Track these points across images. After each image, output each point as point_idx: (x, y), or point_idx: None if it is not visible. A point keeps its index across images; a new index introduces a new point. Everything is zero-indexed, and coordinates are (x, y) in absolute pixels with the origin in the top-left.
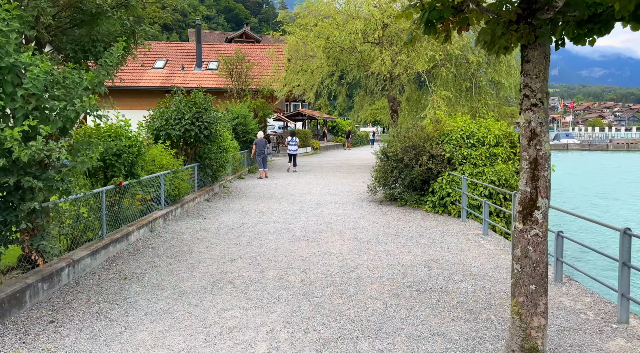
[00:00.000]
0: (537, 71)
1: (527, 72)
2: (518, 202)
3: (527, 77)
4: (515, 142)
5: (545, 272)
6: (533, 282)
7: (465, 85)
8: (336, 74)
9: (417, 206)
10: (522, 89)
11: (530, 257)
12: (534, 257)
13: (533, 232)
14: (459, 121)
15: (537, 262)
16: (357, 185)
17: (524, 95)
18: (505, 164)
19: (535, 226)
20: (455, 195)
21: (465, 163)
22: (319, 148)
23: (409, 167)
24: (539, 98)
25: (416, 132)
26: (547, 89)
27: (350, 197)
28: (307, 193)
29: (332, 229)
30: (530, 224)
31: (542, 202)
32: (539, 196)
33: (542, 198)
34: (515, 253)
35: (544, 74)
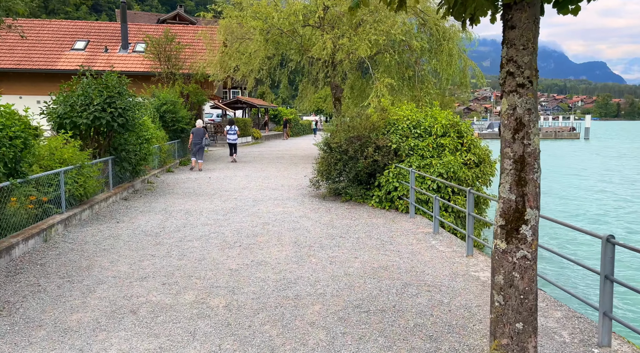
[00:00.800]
0: (525, 40)
1: (511, 42)
2: (499, 213)
3: (512, 48)
4: (462, 132)
5: (535, 305)
6: (520, 319)
7: (408, 74)
8: (276, 58)
9: (362, 201)
10: (505, 65)
11: (517, 287)
12: (521, 287)
13: (520, 253)
14: (405, 110)
15: (526, 292)
16: (299, 178)
17: (507, 73)
18: (453, 156)
19: (522, 246)
20: (403, 189)
21: (413, 154)
22: (260, 137)
23: (353, 160)
24: (527, 76)
25: (361, 122)
26: (536, 66)
27: (292, 191)
28: (244, 189)
29: (269, 231)
30: (516, 243)
31: (531, 213)
32: (526, 206)
33: (530, 208)
34: (496, 280)
35: (533, 44)
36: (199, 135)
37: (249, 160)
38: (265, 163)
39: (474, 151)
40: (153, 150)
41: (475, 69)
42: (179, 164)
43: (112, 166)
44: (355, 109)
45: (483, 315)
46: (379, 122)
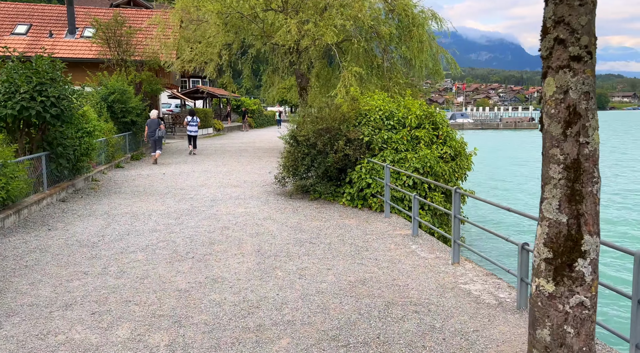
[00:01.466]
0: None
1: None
2: (543, 241)
3: (563, 4)
4: (438, 124)
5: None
6: None
7: (376, 62)
8: (236, 44)
9: (332, 200)
10: (550, 29)
11: (570, 347)
12: (577, 346)
13: (575, 299)
14: (376, 99)
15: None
16: (263, 174)
17: (554, 41)
18: (429, 149)
19: (578, 288)
20: (377, 186)
21: (386, 148)
22: (222, 129)
23: (323, 154)
24: (585, 46)
25: (330, 112)
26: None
27: (255, 189)
28: (202, 186)
29: (228, 238)
30: (569, 284)
31: (590, 242)
32: (584, 231)
33: (589, 235)
34: (538, 336)
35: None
36: (153, 126)
37: (210, 154)
38: (227, 156)
39: (450, 144)
40: (97, 144)
41: (447, 56)
42: (130, 158)
43: (46, 163)
44: (323, 99)
45: (483, 344)
46: (349, 113)
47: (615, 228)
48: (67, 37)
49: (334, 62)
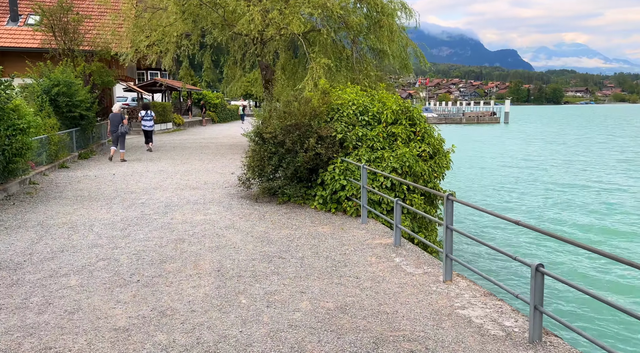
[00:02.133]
0: None
1: None
2: None
3: None
4: (415, 119)
5: None
6: None
7: (345, 54)
8: (194, 34)
9: (303, 203)
10: None
11: None
12: None
13: None
14: (349, 93)
15: None
16: (226, 173)
17: None
18: (407, 147)
19: None
20: (352, 188)
21: (361, 146)
22: (183, 124)
23: (292, 153)
24: None
25: (299, 107)
26: None
27: (217, 191)
28: (156, 189)
29: (183, 253)
30: None
31: None
32: None
33: None
34: None
35: None
36: (116, 121)
37: (168, 151)
38: (187, 154)
39: (428, 141)
40: (33, 142)
41: (417, 50)
42: (78, 157)
43: None
44: (291, 92)
45: None
46: (320, 108)
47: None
48: (8, 25)
49: (299, 54)
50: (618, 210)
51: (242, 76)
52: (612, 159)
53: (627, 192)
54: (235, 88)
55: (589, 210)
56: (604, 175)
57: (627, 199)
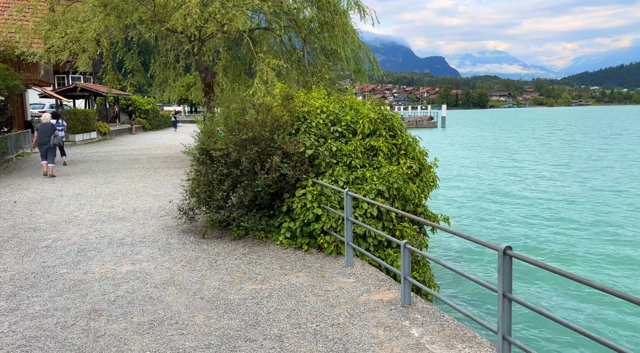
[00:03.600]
0: None
1: None
2: None
3: None
4: (396, 129)
5: None
6: None
7: (297, 54)
8: (118, 31)
9: (265, 237)
10: None
11: None
12: None
13: None
14: (315, 98)
15: None
16: (161, 196)
17: None
18: (390, 163)
19: None
20: (330, 219)
21: (336, 164)
22: (109, 133)
23: (249, 175)
24: None
25: (258, 116)
26: None
27: (150, 223)
28: (70, 222)
29: (97, 339)
30: None
31: None
32: None
33: None
34: None
35: None
36: (46, 132)
37: (89, 166)
38: (113, 170)
39: (412, 154)
40: None
41: (370, 55)
42: None
43: None
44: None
45: None
46: (284, 117)
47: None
48: None
49: (242, 55)
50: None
51: (176, 80)
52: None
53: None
54: (169, 93)
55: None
56: (565, 184)
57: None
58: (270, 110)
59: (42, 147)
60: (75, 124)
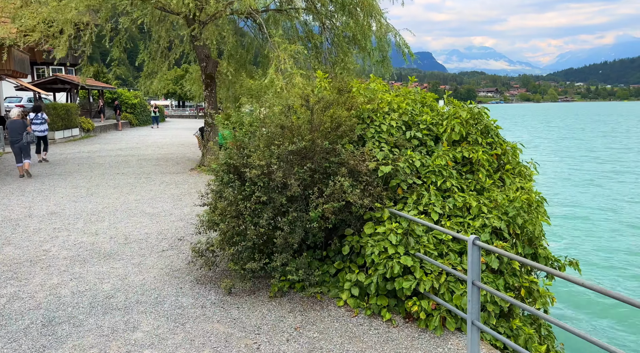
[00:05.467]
0: None
1: None
2: None
3: None
4: (492, 133)
5: None
6: None
7: (315, 40)
8: (103, 11)
9: (320, 295)
10: None
11: None
12: None
13: None
14: (380, 89)
15: None
16: (160, 214)
17: None
18: (493, 183)
19: None
20: (425, 274)
21: (421, 186)
22: (93, 129)
23: (299, 203)
24: None
25: (313, 116)
26: None
27: (150, 265)
28: (36, 262)
29: None
30: None
31: None
32: None
33: None
34: None
35: None
36: (16, 129)
37: (68, 171)
38: (97, 176)
39: (518, 170)
40: None
41: (398, 39)
42: None
43: None
44: (240, 91)
45: None
46: (349, 118)
47: None
48: None
49: (246, 43)
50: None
51: (166, 68)
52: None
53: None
54: (158, 85)
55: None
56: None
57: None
58: (328, 108)
59: (15, 145)
60: (55, 119)
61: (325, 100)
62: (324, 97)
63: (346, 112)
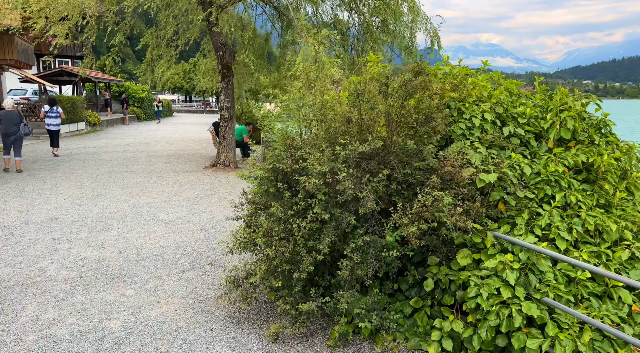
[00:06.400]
0: None
1: None
2: None
3: None
4: (608, 132)
5: None
6: None
7: (343, 26)
8: None
9: (396, 347)
10: None
11: None
12: None
13: None
14: (466, 71)
15: None
16: (177, 221)
17: None
18: (623, 194)
19: None
20: (560, 328)
21: (530, 201)
22: (99, 123)
23: (371, 223)
24: None
25: (396, 101)
26: None
27: (169, 293)
28: (30, 285)
29: None
30: None
31: None
32: None
33: None
34: None
35: None
36: (12, 120)
37: (75, 168)
38: (104, 174)
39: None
40: None
41: (429, 27)
42: None
43: None
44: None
45: None
46: (437, 108)
47: None
48: None
49: (281, 21)
50: None
51: (174, 58)
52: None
53: None
54: (158, 73)
55: None
56: None
57: None
58: (411, 96)
59: (9, 137)
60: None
61: (413, 84)
62: (411, 80)
63: (437, 100)
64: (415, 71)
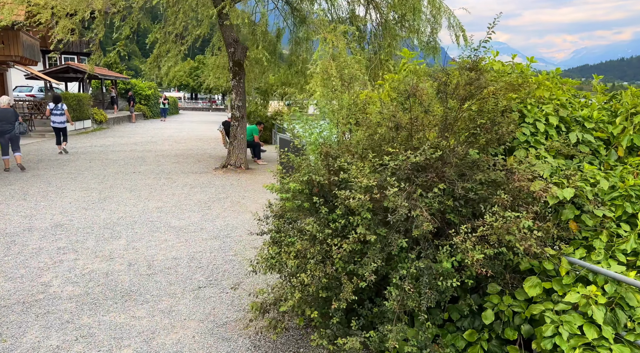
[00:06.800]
0: None
1: None
2: None
3: None
4: None
5: None
6: None
7: (360, 22)
8: None
9: None
10: None
11: None
12: None
13: None
14: (518, 67)
15: None
16: (188, 229)
17: None
18: None
19: None
20: None
21: (607, 222)
22: (106, 121)
23: (424, 245)
24: None
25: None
26: None
27: (184, 315)
28: (32, 304)
29: None
30: None
31: None
32: None
33: None
34: None
35: None
36: (7, 119)
37: (81, 169)
38: (111, 175)
39: None
40: None
41: (452, 20)
42: None
43: None
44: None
45: None
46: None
47: None
48: None
49: (295, 17)
50: None
51: (180, 54)
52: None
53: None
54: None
55: None
56: None
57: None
58: (472, 97)
59: (4, 136)
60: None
61: (479, 83)
62: (478, 78)
63: (504, 101)
64: (469, 68)
